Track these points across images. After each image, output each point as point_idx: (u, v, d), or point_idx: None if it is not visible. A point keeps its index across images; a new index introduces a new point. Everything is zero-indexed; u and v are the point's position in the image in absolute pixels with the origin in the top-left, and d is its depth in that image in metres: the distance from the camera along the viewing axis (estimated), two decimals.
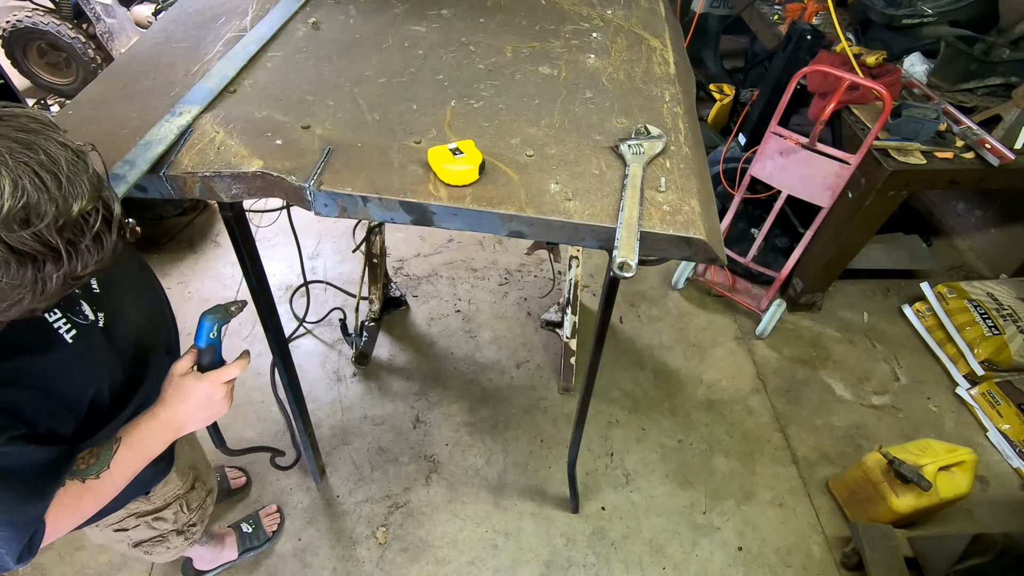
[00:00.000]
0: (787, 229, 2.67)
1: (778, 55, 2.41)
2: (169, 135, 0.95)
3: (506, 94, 1.16)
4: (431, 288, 2.67)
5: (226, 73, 1.12)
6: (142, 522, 1.20)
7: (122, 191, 0.83)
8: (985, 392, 2.31)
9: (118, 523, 1.16)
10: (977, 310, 2.41)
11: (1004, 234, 2.92)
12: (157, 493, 1.19)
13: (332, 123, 1.04)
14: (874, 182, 2.03)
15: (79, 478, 0.82)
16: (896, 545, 1.73)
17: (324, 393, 2.24)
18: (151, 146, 0.93)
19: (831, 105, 2.00)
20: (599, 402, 2.27)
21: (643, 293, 2.72)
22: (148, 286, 1.06)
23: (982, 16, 2.40)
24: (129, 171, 0.88)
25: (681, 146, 1.06)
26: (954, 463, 1.83)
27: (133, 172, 0.88)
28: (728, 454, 2.15)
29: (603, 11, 1.48)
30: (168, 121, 0.98)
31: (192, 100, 1.05)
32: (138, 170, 0.88)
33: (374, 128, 1.04)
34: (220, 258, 2.75)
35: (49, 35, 3.34)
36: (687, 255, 0.91)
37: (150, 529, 1.24)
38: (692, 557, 1.89)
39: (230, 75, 1.12)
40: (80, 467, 0.82)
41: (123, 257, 0.99)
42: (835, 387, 2.40)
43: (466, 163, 0.91)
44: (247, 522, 1.82)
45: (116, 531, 1.18)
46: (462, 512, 1.95)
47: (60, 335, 0.76)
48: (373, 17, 1.39)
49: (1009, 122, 2.01)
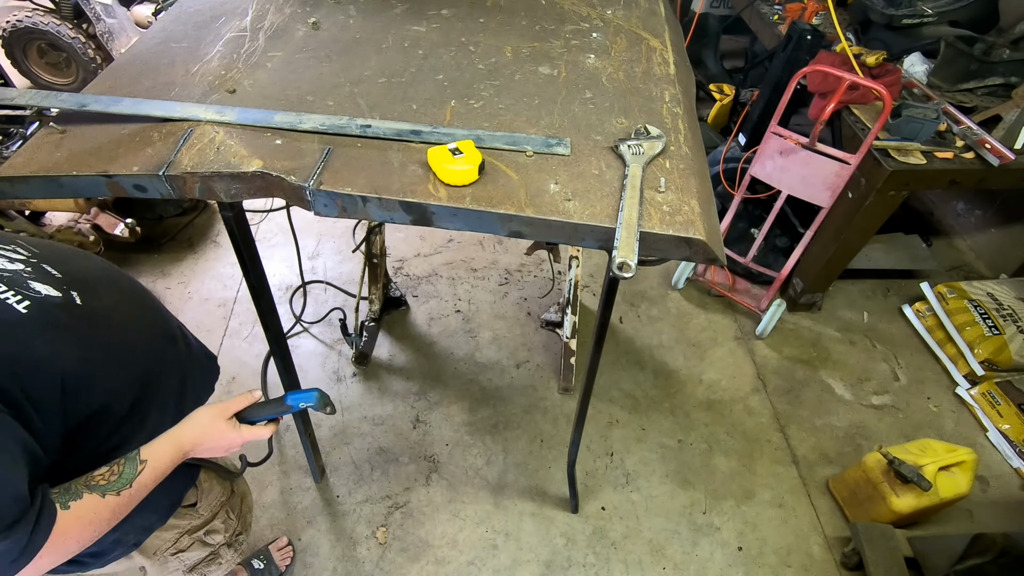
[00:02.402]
0: (787, 229, 2.67)
1: (778, 55, 2.41)
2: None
3: (506, 94, 1.16)
4: (431, 288, 2.67)
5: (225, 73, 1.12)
6: (195, 540, 1.17)
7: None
8: (985, 392, 2.31)
9: (173, 546, 1.13)
10: (977, 310, 2.41)
11: (1004, 234, 2.92)
12: (203, 503, 1.16)
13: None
14: (874, 182, 2.03)
15: (99, 492, 0.80)
16: (896, 545, 1.73)
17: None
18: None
19: (831, 105, 2.00)
20: (599, 402, 2.27)
21: (643, 293, 2.72)
22: (122, 278, 1.03)
23: (982, 16, 2.40)
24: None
25: (681, 146, 1.06)
26: (954, 463, 1.83)
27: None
28: (728, 454, 2.15)
29: (603, 11, 1.48)
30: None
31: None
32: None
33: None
34: (220, 258, 2.75)
35: (49, 35, 3.34)
36: (687, 255, 0.91)
37: (204, 547, 1.21)
38: (692, 557, 1.89)
39: (230, 75, 1.12)
40: (100, 482, 0.81)
41: (82, 254, 0.98)
42: (835, 387, 2.40)
43: (466, 163, 0.91)
44: (258, 558, 1.76)
45: (173, 555, 1.14)
46: (462, 512, 1.95)
47: (9, 305, 0.74)
48: (373, 17, 1.39)
49: (1009, 122, 2.01)
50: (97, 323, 0.85)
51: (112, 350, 0.87)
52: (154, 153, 0.97)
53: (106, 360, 0.85)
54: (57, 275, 0.84)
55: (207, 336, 2.39)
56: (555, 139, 1.04)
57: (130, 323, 0.94)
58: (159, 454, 0.87)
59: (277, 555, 1.79)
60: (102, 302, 0.89)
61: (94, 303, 0.86)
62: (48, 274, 0.83)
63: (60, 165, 0.96)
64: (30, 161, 0.97)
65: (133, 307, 0.98)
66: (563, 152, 1.02)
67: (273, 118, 1.02)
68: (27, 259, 0.83)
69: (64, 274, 0.85)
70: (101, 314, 0.87)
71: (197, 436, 0.92)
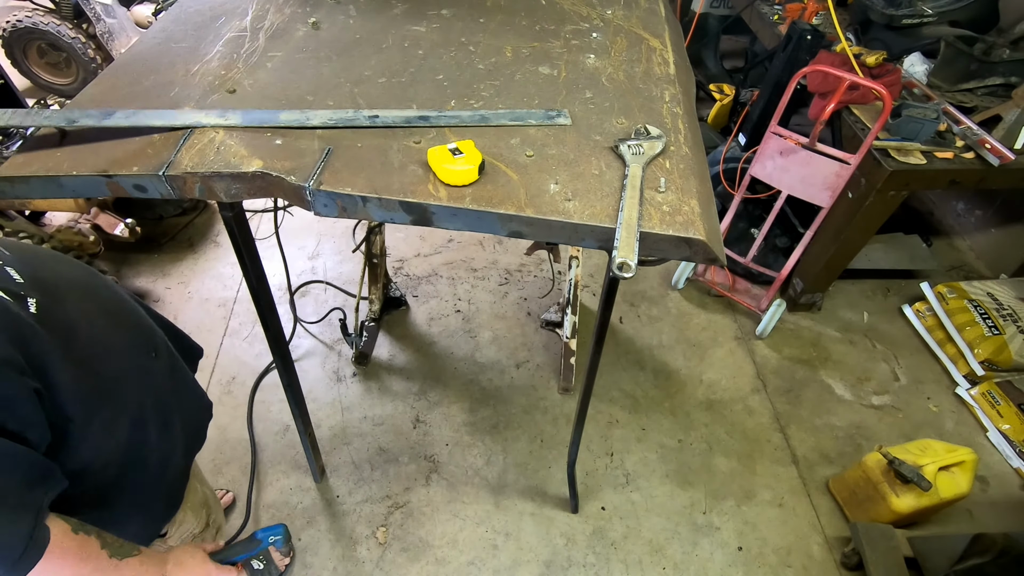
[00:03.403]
0: (787, 229, 2.67)
1: (778, 55, 2.41)
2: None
3: (506, 94, 1.16)
4: (431, 288, 2.67)
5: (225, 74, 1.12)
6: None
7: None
8: (985, 392, 2.31)
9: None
10: (977, 310, 2.41)
11: (1004, 234, 2.92)
12: (173, 534, 1.16)
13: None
14: (874, 182, 2.03)
15: (109, 550, 0.81)
16: (896, 545, 1.73)
17: (324, 393, 2.24)
18: None
19: (831, 105, 2.00)
20: (599, 402, 2.27)
21: (643, 293, 2.72)
22: (103, 289, 1.00)
23: (982, 16, 2.40)
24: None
25: (681, 146, 1.06)
26: (954, 463, 1.83)
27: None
28: (728, 454, 2.15)
29: (603, 11, 1.48)
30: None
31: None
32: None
33: (374, 128, 1.04)
34: (220, 258, 2.75)
35: (49, 35, 3.34)
36: (687, 255, 0.91)
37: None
38: (692, 557, 1.89)
39: (230, 75, 1.12)
40: (108, 539, 0.83)
41: (65, 261, 0.97)
42: (835, 387, 2.40)
43: (466, 163, 0.91)
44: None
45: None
46: (462, 512, 1.95)
47: None
48: (373, 17, 1.39)
49: (1009, 122, 2.01)
50: (54, 332, 0.80)
51: (70, 357, 0.82)
52: (154, 153, 0.97)
53: (62, 365, 0.80)
54: (18, 280, 0.81)
55: (207, 336, 2.40)
56: (555, 111, 1.11)
57: (98, 334, 0.90)
58: (149, 554, 0.89)
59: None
60: (66, 311, 0.86)
61: (55, 311, 0.83)
62: (8, 277, 0.80)
63: (60, 165, 0.96)
64: (30, 161, 0.97)
65: (106, 320, 0.94)
66: (564, 122, 1.08)
67: (278, 117, 1.02)
68: None
69: (27, 279, 0.82)
70: (62, 324, 0.83)
71: (181, 562, 0.95)
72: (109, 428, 0.88)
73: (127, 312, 1.01)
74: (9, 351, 0.71)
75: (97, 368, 0.87)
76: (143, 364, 0.98)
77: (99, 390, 0.86)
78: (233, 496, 1.94)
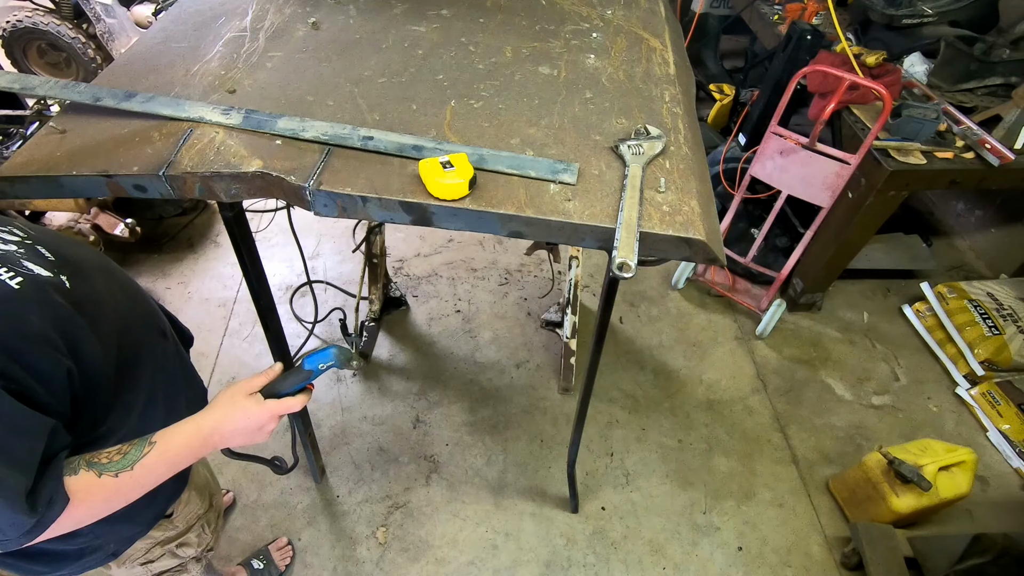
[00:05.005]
0: (787, 229, 2.67)
1: (778, 55, 2.41)
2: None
3: (506, 94, 1.16)
4: (431, 288, 2.67)
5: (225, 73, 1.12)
6: (167, 551, 1.15)
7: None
8: (985, 392, 2.31)
9: (143, 555, 1.11)
10: (977, 310, 2.41)
11: (1004, 234, 2.92)
12: (179, 515, 1.13)
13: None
14: (874, 182, 2.03)
15: (95, 471, 0.76)
16: (896, 545, 1.73)
17: (324, 393, 2.24)
18: None
19: (831, 105, 2.00)
20: (599, 402, 2.27)
21: (643, 293, 2.72)
22: (116, 271, 1.00)
23: (982, 16, 2.40)
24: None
25: (681, 146, 1.06)
26: (954, 463, 1.83)
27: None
28: (728, 454, 2.15)
29: (603, 11, 1.48)
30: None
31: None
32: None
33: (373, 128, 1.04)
34: (220, 258, 2.75)
35: (49, 35, 3.34)
36: (687, 255, 0.91)
37: (173, 558, 1.19)
38: (692, 557, 1.89)
39: (230, 75, 1.12)
40: (102, 460, 0.77)
41: (78, 244, 0.97)
42: (835, 387, 2.40)
43: (456, 177, 0.89)
44: (257, 558, 1.76)
45: (142, 564, 1.12)
46: (462, 512, 1.95)
47: (3, 280, 0.72)
48: (373, 17, 1.39)
49: (1009, 122, 2.01)
50: (84, 307, 0.82)
51: (98, 334, 0.83)
52: (154, 153, 0.97)
53: (92, 341, 0.81)
54: (50, 257, 0.83)
55: (207, 336, 2.40)
56: (562, 163, 0.98)
57: (121, 311, 0.91)
58: (172, 436, 0.83)
59: (277, 555, 1.79)
60: (94, 288, 0.87)
61: (84, 287, 0.84)
62: (41, 255, 0.82)
63: (60, 165, 0.96)
64: (30, 161, 0.97)
65: (125, 298, 0.95)
66: (568, 181, 0.95)
67: (276, 124, 1.02)
68: (22, 240, 0.83)
69: (57, 257, 0.84)
70: (91, 299, 0.84)
71: (218, 416, 0.87)
72: (128, 405, 0.90)
73: (140, 294, 1.02)
74: (49, 330, 0.73)
75: (120, 343, 0.87)
76: (156, 344, 0.99)
77: (120, 367, 0.87)
78: (233, 496, 1.94)
